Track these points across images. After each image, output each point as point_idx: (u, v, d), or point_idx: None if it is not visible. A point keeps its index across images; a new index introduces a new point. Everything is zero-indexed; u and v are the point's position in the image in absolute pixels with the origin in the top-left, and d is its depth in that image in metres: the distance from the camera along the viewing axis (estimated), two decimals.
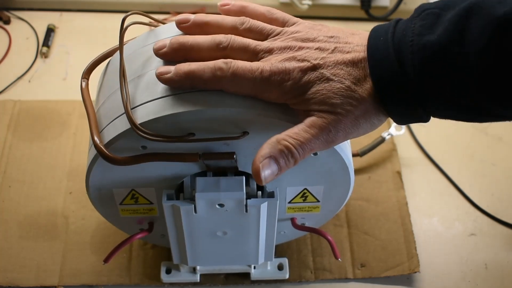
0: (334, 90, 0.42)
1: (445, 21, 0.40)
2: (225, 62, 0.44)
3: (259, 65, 0.44)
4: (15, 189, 0.71)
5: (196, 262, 0.61)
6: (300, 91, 0.43)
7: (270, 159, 0.43)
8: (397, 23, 0.43)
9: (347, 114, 0.43)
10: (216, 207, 0.52)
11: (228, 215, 0.53)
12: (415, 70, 0.40)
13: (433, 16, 0.41)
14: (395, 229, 0.69)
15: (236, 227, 0.55)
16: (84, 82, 0.51)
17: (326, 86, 0.43)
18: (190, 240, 0.56)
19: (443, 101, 0.41)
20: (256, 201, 0.52)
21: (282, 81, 0.43)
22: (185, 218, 0.53)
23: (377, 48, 0.42)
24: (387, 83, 0.42)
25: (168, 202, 0.52)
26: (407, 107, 0.42)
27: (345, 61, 0.43)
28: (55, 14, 0.90)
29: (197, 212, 0.52)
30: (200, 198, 0.51)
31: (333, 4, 0.88)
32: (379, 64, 0.42)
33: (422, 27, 0.41)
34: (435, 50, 0.40)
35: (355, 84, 0.42)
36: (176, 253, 0.59)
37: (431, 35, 0.40)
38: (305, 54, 0.44)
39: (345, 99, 0.42)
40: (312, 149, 0.44)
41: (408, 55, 0.40)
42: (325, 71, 0.43)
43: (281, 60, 0.44)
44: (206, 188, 0.51)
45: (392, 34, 0.42)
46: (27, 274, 0.65)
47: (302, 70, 0.43)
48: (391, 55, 0.41)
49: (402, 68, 0.41)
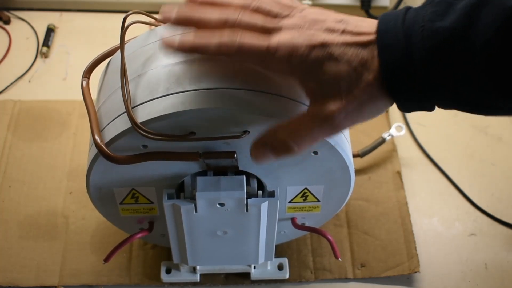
0: (341, 73, 0.42)
1: (457, 10, 0.39)
2: (231, 36, 0.43)
3: (266, 40, 0.43)
4: (15, 189, 0.71)
5: (196, 262, 0.61)
6: (308, 68, 0.43)
7: (265, 148, 0.45)
8: (407, 10, 0.42)
9: (353, 98, 0.42)
10: (216, 206, 0.52)
11: (228, 215, 0.53)
12: (424, 56, 0.40)
13: (445, 4, 0.40)
14: (395, 229, 0.69)
15: (236, 226, 0.55)
16: (85, 81, 0.51)
17: (333, 67, 0.42)
18: (190, 240, 0.56)
19: (448, 90, 0.41)
20: (257, 200, 0.52)
21: (290, 57, 0.42)
22: (185, 217, 0.53)
23: (387, 32, 0.42)
24: (394, 68, 0.41)
25: (169, 201, 0.52)
26: (412, 94, 0.42)
27: (354, 42, 0.42)
28: (55, 14, 0.90)
29: (198, 211, 0.52)
30: (200, 197, 0.51)
31: (333, 4, 0.88)
32: (388, 48, 0.41)
33: (434, 14, 0.40)
34: (446, 36, 0.39)
35: (362, 67, 0.42)
36: (176, 253, 0.59)
37: (443, 22, 0.39)
38: (314, 33, 0.43)
39: (352, 83, 0.42)
40: (315, 138, 0.44)
41: (418, 40, 0.40)
42: (334, 50, 0.42)
43: (289, 37, 0.43)
44: (206, 187, 0.51)
45: (403, 20, 0.41)
46: (27, 274, 0.65)
47: (309, 46, 0.42)
48: (400, 39, 0.41)
49: (411, 53, 0.40)
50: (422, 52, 0.40)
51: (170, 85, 0.46)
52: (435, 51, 0.39)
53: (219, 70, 0.46)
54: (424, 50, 0.40)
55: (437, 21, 0.39)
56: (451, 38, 0.39)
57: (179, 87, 0.45)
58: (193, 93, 0.45)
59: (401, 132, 0.73)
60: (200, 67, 0.46)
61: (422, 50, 0.40)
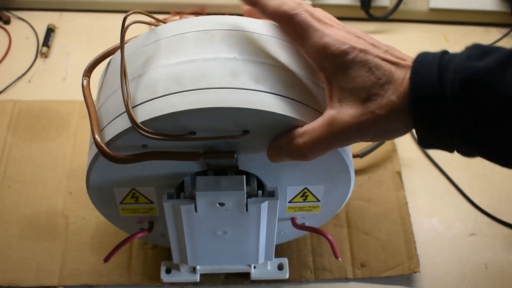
0: (366, 83, 0.42)
1: (493, 56, 0.40)
2: (295, 5, 0.46)
3: (321, 24, 0.45)
4: (15, 189, 0.71)
5: (196, 262, 0.61)
6: (339, 66, 0.44)
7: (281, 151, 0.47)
8: (445, 53, 0.43)
9: (368, 112, 0.42)
10: (216, 206, 0.52)
11: (228, 214, 0.53)
12: (454, 88, 0.39)
13: (482, 50, 0.41)
14: (395, 229, 0.69)
15: (236, 226, 0.55)
16: (85, 80, 0.51)
17: (362, 74, 0.43)
18: (190, 240, 0.56)
19: (473, 127, 0.40)
20: (257, 200, 0.52)
21: (330, 48, 0.44)
22: (185, 217, 0.53)
23: (423, 61, 0.42)
24: (423, 93, 0.41)
25: (169, 201, 0.52)
26: (436, 121, 0.41)
27: (391, 60, 0.43)
28: (55, 14, 0.91)
29: (198, 211, 0.52)
30: (200, 197, 0.51)
31: (333, 4, 0.88)
32: (421, 74, 0.41)
33: (470, 55, 0.40)
34: (479, 75, 0.39)
35: (390, 84, 0.42)
36: (176, 253, 0.59)
37: (479, 62, 0.39)
38: (360, 40, 0.44)
39: (372, 96, 0.42)
40: (329, 148, 0.45)
41: (450, 74, 0.40)
42: (371, 59, 0.43)
43: (339, 32, 0.45)
44: (206, 187, 0.51)
45: (440, 56, 0.42)
46: (27, 274, 0.65)
47: (352, 47, 0.43)
48: (434, 68, 0.41)
49: (443, 82, 0.40)
50: (453, 84, 0.39)
51: (170, 84, 0.46)
52: (466, 84, 0.39)
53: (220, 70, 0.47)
54: (455, 83, 0.39)
55: (473, 61, 0.40)
56: (484, 78, 0.39)
57: (179, 87, 0.45)
58: (193, 93, 0.45)
59: None
60: (200, 67, 0.46)
61: (453, 82, 0.39)
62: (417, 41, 0.88)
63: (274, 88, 0.46)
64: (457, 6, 0.89)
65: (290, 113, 0.45)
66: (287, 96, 0.46)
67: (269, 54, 0.48)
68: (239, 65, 0.47)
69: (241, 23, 0.50)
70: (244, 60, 0.47)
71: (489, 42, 0.86)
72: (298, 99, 0.46)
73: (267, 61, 0.47)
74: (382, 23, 0.90)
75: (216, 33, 0.49)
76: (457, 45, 0.88)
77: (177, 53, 0.48)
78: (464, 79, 0.39)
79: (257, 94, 0.45)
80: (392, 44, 0.45)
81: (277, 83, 0.46)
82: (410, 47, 0.85)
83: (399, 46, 0.46)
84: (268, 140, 0.48)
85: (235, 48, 0.48)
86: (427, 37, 0.89)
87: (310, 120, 0.46)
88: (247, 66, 0.47)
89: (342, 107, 0.43)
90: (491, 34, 0.89)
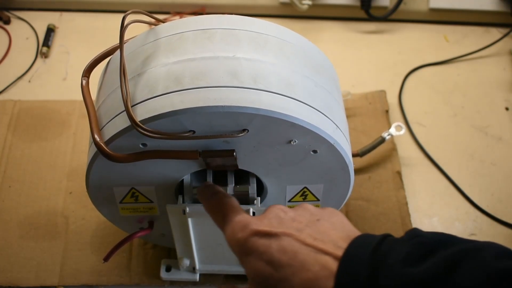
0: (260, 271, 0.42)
1: (434, 259, 0.35)
2: None
3: None
4: (15, 189, 0.71)
5: (199, 261, 0.61)
6: (243, 251, 0.44)
7: None
8: (384, 239, 0.39)
9: None
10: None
11: None
12: None
13: (423, 249, 0.37)
14: (395, 229, 0.69)
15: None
16: (84, 80, 0.52)
17: (256, 263, 0.42)
18: (194, 240, 0.57)
19: None
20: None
21: None
22: (189, 219, 0.53)
23: (354, 256, 0.38)
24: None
25: (173, 206, 0.53)
26: None
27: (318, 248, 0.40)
28: (55, 14, 0.91)
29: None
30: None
31: (333, 4, 0.88)
32: (348, 273, 0.37)
33: (409, 255, 0.36)
34: (413, 285, 0.35)
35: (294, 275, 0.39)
36: (180, 250, 0.59)
37: (415, 268, 0.35)
38: None
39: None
40: None
41: (382, 280, 0.36)
42: None
43: None
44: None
45: (374, 251, 0.37)
46: (27, 274, 0.65)
47: None
48: (364, 271, 0.36)
49: None
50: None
51: (169, 83, 0.46)
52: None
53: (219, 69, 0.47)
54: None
55: (408, 266, 0.36)
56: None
57: (178, 86, 0.45)
58: (192, 92, 0.45)
59: (401, 132, 0.73)
60: (199, 66, 0.46)
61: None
62: (417, 41, 0.88)
63: (273, 87, 0.46)
64: (457, 6, 0.89)
65: (289, 112, 0.45)
66: (286, 95, 0.46)
67: (269, 53, 0.48)
68: (238, 64, 0.47)
69: (241, 22, 0.50)
70: (243, 59, 0.47)
71: (489, 42, 0.86)
72: (297, 98, 0.46)
73: (266, 60, 0.47)
74: (382, 23, 0.90)
75: (215, 32, 0.49)
76: (457, 45, 0.88)
77: (176, 52, 0.48)
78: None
79: (256, 93, 0.45)
80: (392, 44, 0.44)
81: (276, 82, 0.46)
82: (410, 47, 0.85)
83: (399, 46, 0.45)
84: (267, 139, 0.48)
85: (234, 47, 0.48)
86: (427, 37, 0.89)
87: (309, 119, 0.46)
88: (246, 65, 0.47)
89: None
90: (491, 34, 0.89)
